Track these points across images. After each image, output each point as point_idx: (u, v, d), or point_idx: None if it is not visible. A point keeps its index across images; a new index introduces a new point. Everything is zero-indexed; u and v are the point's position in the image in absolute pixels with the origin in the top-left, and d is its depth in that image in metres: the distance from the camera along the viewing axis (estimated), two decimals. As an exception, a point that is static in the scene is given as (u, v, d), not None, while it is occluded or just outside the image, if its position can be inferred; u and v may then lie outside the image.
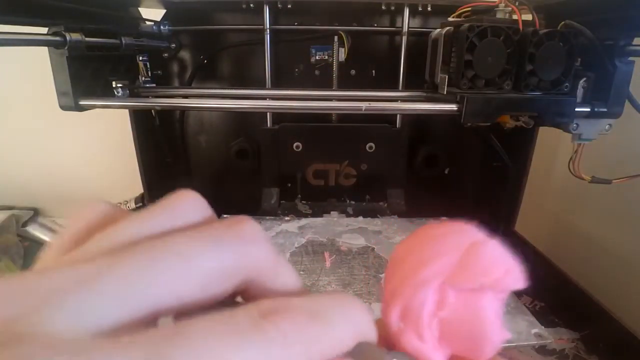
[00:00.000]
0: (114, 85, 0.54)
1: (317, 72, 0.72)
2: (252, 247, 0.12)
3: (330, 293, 0.12)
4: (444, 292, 0.15)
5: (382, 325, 0.16)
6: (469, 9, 0.53)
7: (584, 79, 0.48)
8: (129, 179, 0.80)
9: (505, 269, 0.16)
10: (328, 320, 0.11)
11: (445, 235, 0.16)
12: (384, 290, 0.17)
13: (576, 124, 0.48)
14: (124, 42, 0.54)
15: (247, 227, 0.13)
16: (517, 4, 0.48)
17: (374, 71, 0.73)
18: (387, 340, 0.16)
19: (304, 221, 0.68)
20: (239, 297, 0.13)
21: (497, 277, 0.16)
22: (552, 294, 0.57)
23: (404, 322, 0.16)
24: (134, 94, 0.57)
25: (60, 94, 0.48)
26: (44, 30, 0.45)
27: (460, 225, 0.17)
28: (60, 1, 0.46)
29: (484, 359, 0.16)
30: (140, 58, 0.62)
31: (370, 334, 0.13)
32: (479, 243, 0.16)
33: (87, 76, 0.49)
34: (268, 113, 0.73)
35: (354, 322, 0.12)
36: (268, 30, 0.67)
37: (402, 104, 0.63)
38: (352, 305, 0.12)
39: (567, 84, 0.47)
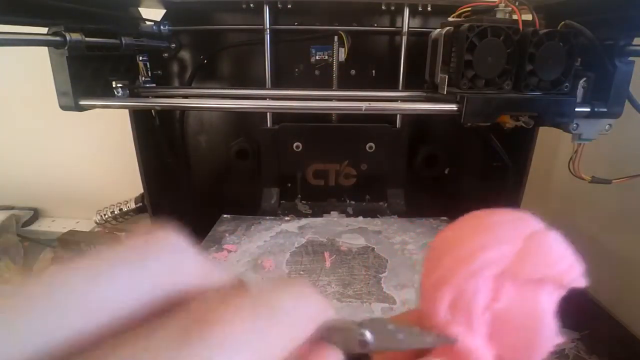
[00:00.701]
0: (114, 85, 0.54)
1: (317, 72, 0.72)
2: (158, 260, 0.11)
3: (275, 282, 0.11)
4: (501, 283, 0.14)
5: (420, 316, 0.15)
6: (469, 9, 0.53)
7: (584, 79, 0.48)
8: (129, 179, 0.80)
9: (568, 263, 0.15)
10: (274, 313, 0.10)
11: (503, 223, 0.15)
12: (423, 279, 0.15)
13: (576, 124, 0.49)
14: (124, 42, 0.54)
15: (155, 240, 0.11)
16: (517, 4, 0.48)
17: (374, 71, 0.73)
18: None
19: (304, 221, 0.68)
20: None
21: (561, 270, 0.14)
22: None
23: (454, 312, 0.14)
24: (134, 94, 0.57)
25: (60, 94, 0.48)
26: (44, 30, 0.45)
27: (518, 213, 0.16)
28: (60, 1, 0.46)
29: None
30: (140, 58, 0.62)
31: (328, 312, 0.12)
32: (541, 233, 0.15)
33: (87, 76, 0.49)
34: (268, 113, 0.73)
35: (305, 306, 0.11)
36: (268, 30, 0.67)
37: (402, 104, 0.63)
38: (299, 290, 0.11)
39: (567, 84, 0.47)
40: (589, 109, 0.47)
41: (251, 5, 0.65)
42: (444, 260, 0.15)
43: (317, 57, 0.71)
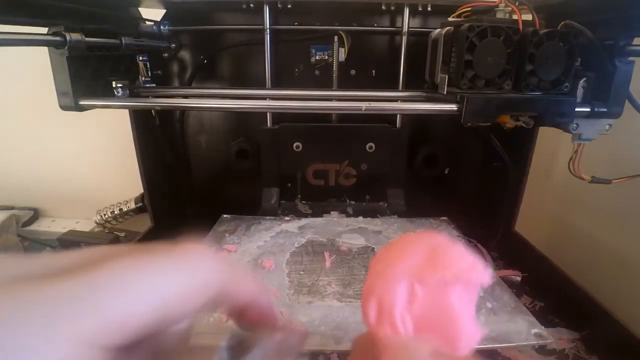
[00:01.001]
0: (114, 85, 0.54)
1: (317, 72, 0.72)
2: (203, 269, 0.14)
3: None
4: (413, 288, 0.17)
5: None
6: (469, 9, 0.53)
7: (584, 79, 0.48)
8: (129, 179, 0.80)
9: (468, 264, 0.17)
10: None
11: (414, 241, 0.19)
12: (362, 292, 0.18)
13: (576, 124, 0.48)
14: (124, 42, 0.54)
15: (196, 253, 0.14)
16: (517, 4, 0.48)
17: (374, 71, 0.73)
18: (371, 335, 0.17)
19: (304, 221, 0.68)
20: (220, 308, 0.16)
21: (457, 270, 0.17)
22: (552, 294, 0.57)
23: (379, 317, 0.17)
24: (134, 94, 0.57)
25: (60, 94, 0.48)
26: (44, 30, 0.45)
27: (429, 233, 0.19)
28: (60, 1, 0.46)
29: (460, 353, 0.17)
30: (140, 58, 0.62)
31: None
32: (440, 245, 0.18)
33: (87, 76, 0.49)
34: (268, 113, 0.73)
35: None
36: (268, 30, 0.67)
37: (402, 104, 0.63)
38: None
39: (567, 84, 0.47)
40: (589, 109, 0.47)
41: (251, 5, 0.65)
42: (370, 275, 0.18)
43: (317, 57, 0.71)
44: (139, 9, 0.63)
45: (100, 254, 0.13)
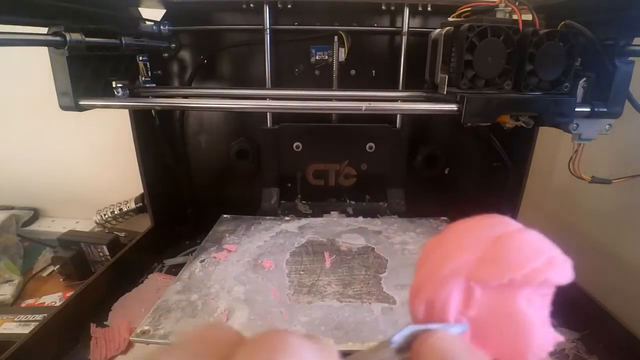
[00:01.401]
0: (114, 85, 0.54)
1: (317, 72, 0.72)
2: None
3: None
4: (471, 290, 0.14)
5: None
6: (469, 9, 0.53)
7: (584, 79, 0.48)
8: (129, 179, 0.80)
9: (544, 260, 0.14)
10: None
11: (471, 229, 0.15)
12: (411, 284, 0.15)
13: (576, 124, 0.49)
14: (124, 42, 0.54)
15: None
16: (517, 4, 0.48)
17: (374, 71, 0.73)
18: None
19: (304, 221, 0.68)
20: None
21: (530, 270, 0.14)
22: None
23: (429, 319, 0.14)
24: (134, 94, 0.57)
25: (60, 94, 0.48)
26: (44, 30, 0.45)
27: (490, 217, 0.15)
28: (60, 1, 0.46)
29: None
30: (140, 58, 0.62)
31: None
32: (506, 235, 0.14)
33: (87, 76, 0.49)
34: (268, 113, 0.73)
35: None
36: (268, 30, 0.67)
37: (402, 104, 0.63)
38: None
39: (567, 84, 0.47)
40: (589, 109, 0.47)
41: (251, 5, 0.65)
42: (420, 269, 0.15)
43: (317, 57, 0.71)
44: (139, 9, 0.63)
45: None
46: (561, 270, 0.14)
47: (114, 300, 0.57)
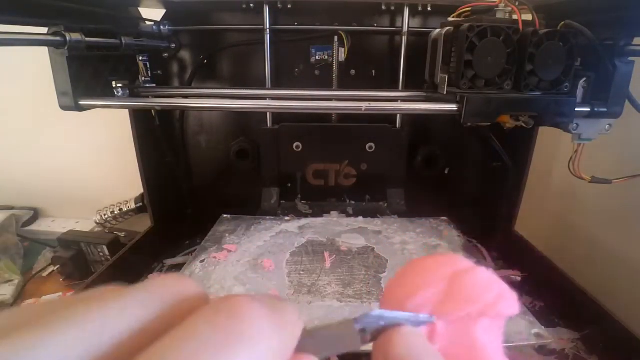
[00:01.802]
0: (114, 85, 0.54)
1: (317, 72, 0.72)
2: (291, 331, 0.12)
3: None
4: (433, 324, 0.15)
5: None
6: (469, 9, 0.53)
7: (584, 79, 0.48)
8: (129, 179, 0.80)
9: (495, 295, 0.15)
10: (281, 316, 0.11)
11: (431, 267, 0.16)
12: None
13: (576, 124, 0.49)
14: (124, 42, 0.54)
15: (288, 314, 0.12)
16: (517, 4, 0.48)
17: (374, 71, 0.73)
18: None
19: (304, 221, 0.68)
20: None
21: (486, 303, 0.15)
22: (552, 294, 0.57)
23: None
24: (134, 94, 0.57)
25: (60, 94, 0.48)
26: (44, 30, 0.45)
27: (447, 256, 0.17)
28: (60, 1, 0.46)
29: None
30: (140, 58, 0.62)
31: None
32: (463, 271, 0.16)
33: (87, 76, 0.49)
34: (268, 113, 0.73)
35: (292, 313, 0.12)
36: (268, 30, 0.67)
37: (402, 104, 0.63)
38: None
39: (567, 84, 0.47)
40: (589, 109, 0.47)
41: (251, 5, 0.65)
42: (386, 306, 0.16)
43: (317, 57, 0.71)
44: (139, 9, 0.63)
45: None
46: (510, 302, 0.16)
47: (114, 300, 0.57)
